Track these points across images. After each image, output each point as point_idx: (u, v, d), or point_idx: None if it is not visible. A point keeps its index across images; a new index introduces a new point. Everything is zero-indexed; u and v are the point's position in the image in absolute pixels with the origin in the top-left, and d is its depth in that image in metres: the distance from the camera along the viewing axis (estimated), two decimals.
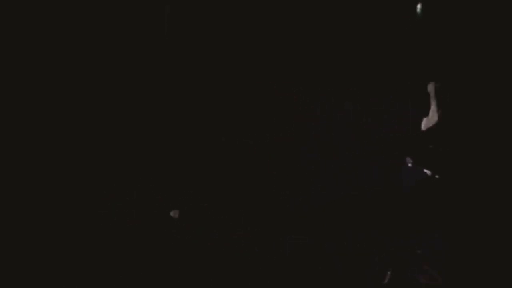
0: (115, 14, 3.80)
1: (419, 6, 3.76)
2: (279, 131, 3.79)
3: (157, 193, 3.68)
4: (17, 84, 3.70)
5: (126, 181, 3.69)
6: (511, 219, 2.64)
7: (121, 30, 3.80)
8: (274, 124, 3.79)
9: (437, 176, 3.46)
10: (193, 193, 3.71)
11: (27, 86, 3.71)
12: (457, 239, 2.62)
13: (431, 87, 3.57)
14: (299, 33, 3.85)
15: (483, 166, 2.75)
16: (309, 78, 3.82)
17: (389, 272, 3.47)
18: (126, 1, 3.81)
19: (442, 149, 3.51)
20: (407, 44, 3.79)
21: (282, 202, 3.70)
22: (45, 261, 3.49)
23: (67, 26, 3.76)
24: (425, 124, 3.54)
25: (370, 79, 3.80)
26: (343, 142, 3.76)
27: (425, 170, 3.59)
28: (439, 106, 3.41)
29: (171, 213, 3.64)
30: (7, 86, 3.69)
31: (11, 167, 3.63)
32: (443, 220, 3.39)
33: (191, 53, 3.86)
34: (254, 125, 3.80)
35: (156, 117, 3.81)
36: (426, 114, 3.68)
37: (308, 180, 3.74)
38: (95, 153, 3.73)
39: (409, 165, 3.63)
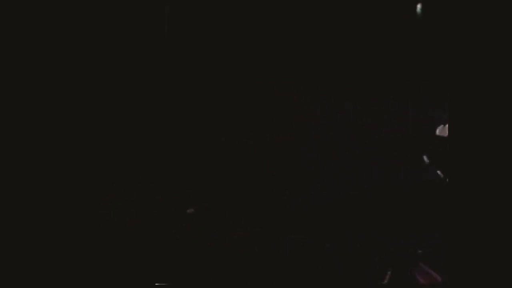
0: (115, 14, 3.79)
1: (419, 6, 3.76)
2: (279, 131, 3.79)
3: (157, 193, 3.68)
4: (17, 84, 3.70)
5: (126, 181, 3.69)
6: (511, 219, 2.63)
7: (121, 30, 3.80)
8: (274, 124, 3.79)
9: (446, 176, 3.46)
10: (193, 193, 3.71)
11: (27, 86, 3.71)
12: (457, 239, 2.62)
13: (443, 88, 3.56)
14: (299, 33, 3.85)
15: (485, 166, 2.75)
16: (309, 78, 3.82)
17: (389, 272, 3.47)
18: (126, 1, 3.81)
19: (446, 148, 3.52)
20: (407, 44, 3.80)
21: (282, 202, 3.70)
22: (45, 261, 3.49)
23: (66, 25, 3.76)
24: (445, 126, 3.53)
25: (370, 79, 3.80)
26: (343, 142, 3.76)
27: (438, 171, 3.59)
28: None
29: (188, 211, 3.64)
30: (7, 86, 3.69)
31: (10, 166, 3.63)
32: (443, 220, 3.40)
33: (191, 53, 3.86)
34: (254, 125, 3.80)
35: (156, 117, 3.81)
36: (426, 114, 3.68)
37: (308, 180, 3.74)
38: (95, 153, 3.73)
39: (426, 161, 3.62)
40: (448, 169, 3.46)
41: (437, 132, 3.59)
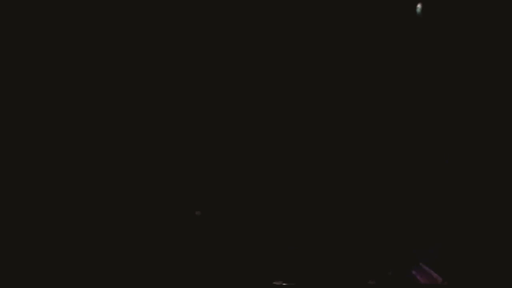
0: (115, 14, 3.79)
1: (419, 6, 3.76)
2: (280, 131, 3.79)
3: (157, 193, 3.68)
4: (17, 84, 3.70)
5: (126, 181, 3.69)
6: (511, 220, 2.64)
7: (121, 30, 3.80)
8: (274, 124, 3.79)
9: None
10: (193, 193, 3.72)
11: (27, 86, 3.71)
12: (457, 239, 2.62)
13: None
14: (299, 33, 3.85)
15: (485, 166, 2.75)
16: (309, 78, 3.82)
17: (389, 272, 3.47)
18: (126, 1, 3.81)
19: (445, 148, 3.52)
20: (407, 44, 3.79)
21: (282, 202, 3.70)
22: (45, 261, 3.49)
23: (66, 25, 3.76)
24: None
25: (370, 79, 3.80)
26: (343, 142, 3.77)
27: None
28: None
29: (196, 213, 3.66)
30: (7, 86, 3.69)
31: (11, 166, 3.64)
32: (443, 221, 3.40)
33: (191, 53, 3.86)
34: (254, 125, 3.80)
35: (156, 117, 3.81)
36: (426, 114, 3.68)
37: (308, 180, 3.74)
38: (95, 153, 3.73)
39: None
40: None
41: None
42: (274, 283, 3.50)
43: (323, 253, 3.60)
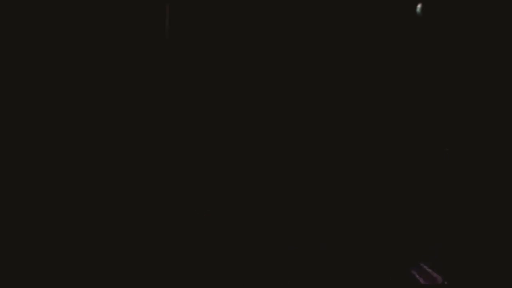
0: (115, 13, 3.79)
1: (419, 6, 3.76)
2: (280, 131, 3.79)
3: (157, 193, 3.68)
4: (17, 84, 3.70)
5: (126, 182, 3.69)
6: (511, 219, 2.64)
7: (121, 30, 3.80)
8: (275, 124, 3.80)
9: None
10: (194, 193, 3.72)
11: (27, 86, 3.71)
12: (457, 239, 2.62)
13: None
14: (299, 33, 3.85)
15: (484, 166, 2.75)
16: (309, 78, 3.82)
17: (389, 272, 3.47)
18: (126, 1, 3.81)
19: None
20: (407, 44, 3.80)
21: (282, 204, 3.70)
22: (45, 261, 3.49)
23: (66, 25, 3.76)
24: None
25: (370, 79, 3.80)
26: (343, 142, 3.77)
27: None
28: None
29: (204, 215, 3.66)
30: (7, 86, 3.69)
31: (11, 166, 3.64)
32: (444, 221, 3.40)
33: (191, 53, 3.86)
34: (254, 125, 3.80)
35: (156, 117, 3.81)
36: (425, 114, 3.69)
37: (308, 179, 3.74)
38: (95, 153, 3.73)
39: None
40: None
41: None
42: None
43: (323, 253, 3.60)
